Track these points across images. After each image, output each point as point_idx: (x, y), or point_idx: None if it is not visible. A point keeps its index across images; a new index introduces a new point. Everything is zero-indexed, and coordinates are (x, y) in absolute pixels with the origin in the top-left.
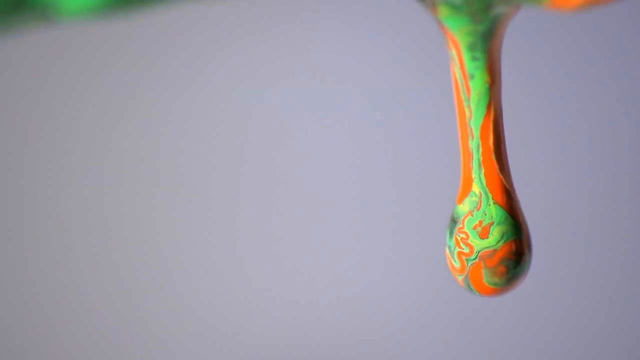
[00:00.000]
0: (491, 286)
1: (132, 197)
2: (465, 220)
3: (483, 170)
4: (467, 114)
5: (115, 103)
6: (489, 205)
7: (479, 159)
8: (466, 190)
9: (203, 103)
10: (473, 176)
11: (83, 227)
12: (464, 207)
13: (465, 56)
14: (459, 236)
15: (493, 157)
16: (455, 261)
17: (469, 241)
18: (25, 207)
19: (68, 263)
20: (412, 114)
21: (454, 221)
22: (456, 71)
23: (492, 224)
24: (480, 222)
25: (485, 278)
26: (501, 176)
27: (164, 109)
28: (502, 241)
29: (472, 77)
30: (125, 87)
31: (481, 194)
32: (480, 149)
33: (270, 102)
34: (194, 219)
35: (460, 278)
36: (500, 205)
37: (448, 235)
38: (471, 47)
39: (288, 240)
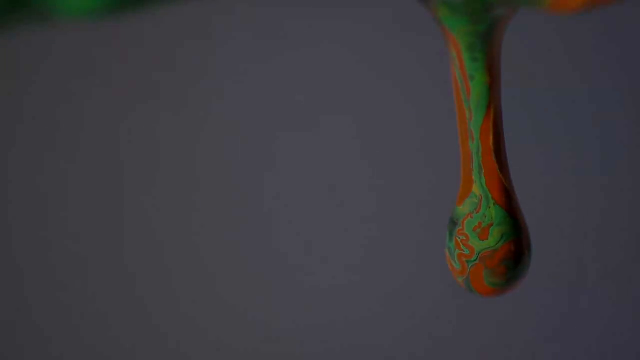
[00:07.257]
0: (492, 287)
1: (132, 195)
2: (465, 222)
3: (483, 171)
4: (467, 114)
5: (115, 102)
6: (489, 207)
7: (479, 161)
8: (466, 191)
9: (198, 103)
10: (473, 178)
11: (82, 225)
12: (464, 209)
13: (465, 57)
14: (459, 238)
15: (493, 157)
16: (455, 263)
17: (469, 243)
18: (24, 206)
19: (66, 263)
20: (411, 114)
21: (453, 223)
22: (456, 72)
23: (492, 224)
24: (480, 223)
25: (486, 279)
26: (501, 176)
27: (163, 106)
28: (502, 241)
29: (472, 78)
30: (125, 86)
31: (481, 196)
32: (481, 151)
33: (268, 101)
34: (192, 216)
35: (461, 279)
36: (500, 205)
37: (448, 237)
38: (471, 48)
39: (287, 241)
